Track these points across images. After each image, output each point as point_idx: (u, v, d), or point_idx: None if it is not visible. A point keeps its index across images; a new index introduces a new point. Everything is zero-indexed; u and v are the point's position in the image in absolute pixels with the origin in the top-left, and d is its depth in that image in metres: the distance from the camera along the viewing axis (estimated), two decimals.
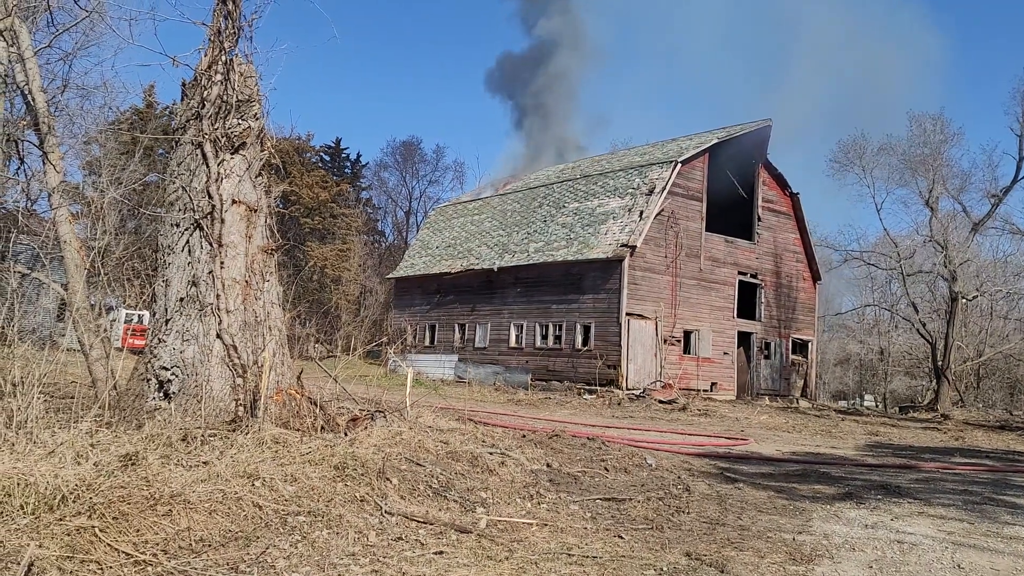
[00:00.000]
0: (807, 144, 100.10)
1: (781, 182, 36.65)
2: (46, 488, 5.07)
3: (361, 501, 6.31)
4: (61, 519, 4.86)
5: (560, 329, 32.57)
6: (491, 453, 8.73)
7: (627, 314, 30.14)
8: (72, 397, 8.19)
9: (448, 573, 5.13)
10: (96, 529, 4.83)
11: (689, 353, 32.50)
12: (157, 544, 4.95)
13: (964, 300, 35.29)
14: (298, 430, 7.76)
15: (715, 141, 33.47)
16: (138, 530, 5.00)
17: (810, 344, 38.03)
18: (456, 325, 38.12)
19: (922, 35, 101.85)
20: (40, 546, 4.55)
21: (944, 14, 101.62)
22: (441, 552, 5.51)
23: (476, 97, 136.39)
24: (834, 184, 46.39)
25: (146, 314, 27.29)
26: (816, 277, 38.38)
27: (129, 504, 5.16)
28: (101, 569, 4.55)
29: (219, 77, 8.79)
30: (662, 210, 31.28)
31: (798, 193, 36.98)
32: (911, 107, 78.91)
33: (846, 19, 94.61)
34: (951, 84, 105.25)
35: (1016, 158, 33.62)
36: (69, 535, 4.73)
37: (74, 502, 5.03)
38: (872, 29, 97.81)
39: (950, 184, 35.58)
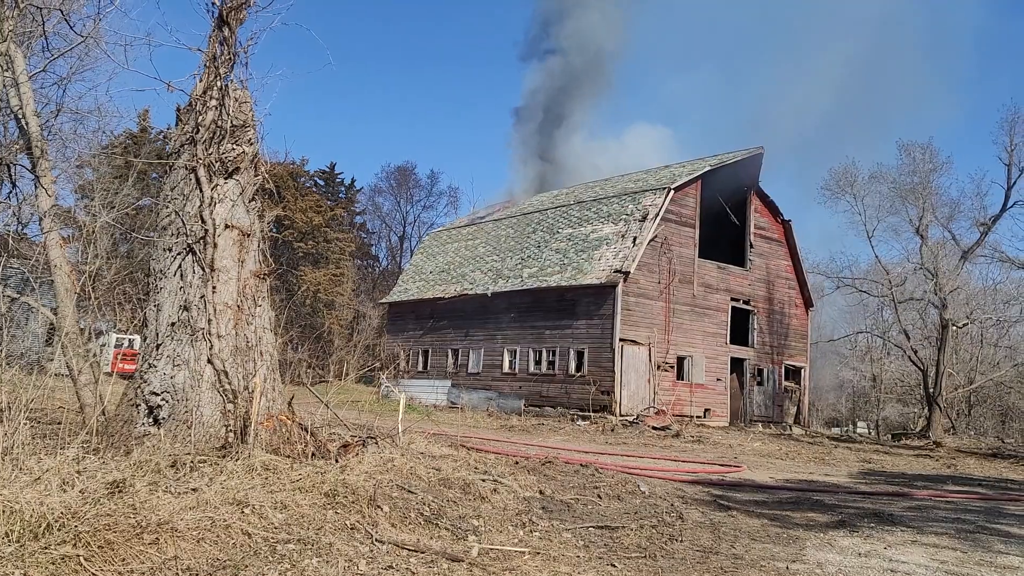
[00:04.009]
0: (795, 169, 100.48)
1: (773, 209, 36.85)
2: (31, 516, 5.00)
3: (351, 529, 6.25)
4: (46, 547, 4.79)
5: (553, 355, 32.49)
6: (483, 480, 8.67)
7: (620, 340, 30.11)
8: (59, 423, 8.11)
9: None
10: (81, 558, 4.77)
11: (682, 379, 32.45)
12: (143, 573, 4.88)
13: (955, 327, 35.30)
14: (288, 457, 7.69)
15: (707, 168, 33.67)
16: (124, 559, 4.94)
17: (803, 371, 38.03)
18: (449, 350, 38.01)
19: (914, 63, 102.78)
20: (25, 575, 4.48)
21: (935, 41, 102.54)
22: None
23: (471, 122, 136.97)
24: (826, 210, 46.65)
25: (137, 339, 27.16)
26: (808, 304, 38.49)
27: (115, 532, 5.09)
28: None
29: (214, 102, 8.83)
30: (655, 236, 31.37)
31: (790, 220, 37.21)
32: (900, 135, 79.69)
33: (839, 49, 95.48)
34: (940, 112, 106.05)
35: (1004, 187, 33.74)
36: (54, 564, 4.67)
37: (59, 530, 4.96)
38: (865, 55, 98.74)
39: (939, 212, 35.74)
